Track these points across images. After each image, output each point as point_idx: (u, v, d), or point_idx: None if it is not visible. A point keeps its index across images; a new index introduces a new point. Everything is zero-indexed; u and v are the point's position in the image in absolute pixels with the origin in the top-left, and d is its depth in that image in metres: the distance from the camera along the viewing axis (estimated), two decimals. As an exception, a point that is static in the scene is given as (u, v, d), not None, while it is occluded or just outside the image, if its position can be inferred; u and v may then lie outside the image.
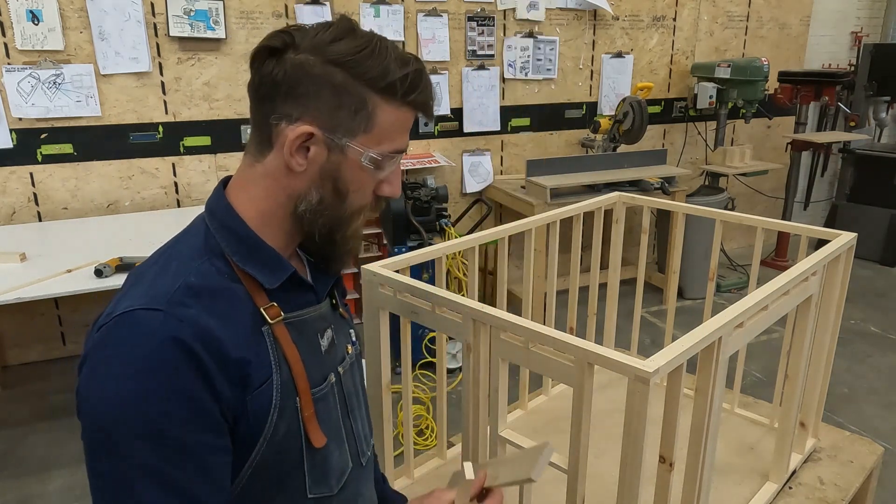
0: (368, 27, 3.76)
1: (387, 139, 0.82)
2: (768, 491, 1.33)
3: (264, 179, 0.83)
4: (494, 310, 0.99)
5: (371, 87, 0.79)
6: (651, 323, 3.79)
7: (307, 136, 0.79)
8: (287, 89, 0.79)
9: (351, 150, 0.81)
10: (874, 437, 2.42)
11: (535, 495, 1.08)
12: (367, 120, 0.80)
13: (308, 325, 0.88)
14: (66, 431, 2.72)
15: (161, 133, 3.22)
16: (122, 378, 0.71)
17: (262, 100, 0.81)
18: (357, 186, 0.84)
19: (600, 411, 1.54)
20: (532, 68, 3.98)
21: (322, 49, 0.78)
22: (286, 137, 0.79)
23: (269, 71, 0.79)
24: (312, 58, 0.78)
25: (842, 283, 1.36)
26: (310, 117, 0.79)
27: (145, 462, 0.70)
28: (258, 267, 0.82)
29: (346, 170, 0.82)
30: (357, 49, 0.78)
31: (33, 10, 2.87)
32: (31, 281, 2.22)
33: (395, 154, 0.85)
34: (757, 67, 4.07)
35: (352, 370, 0.97)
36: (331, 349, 0.92)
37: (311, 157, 0.81)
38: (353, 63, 0.78)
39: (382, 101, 0.80)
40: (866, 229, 4.64)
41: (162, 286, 0.76)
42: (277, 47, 0.79)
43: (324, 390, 0.88)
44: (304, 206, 0.83)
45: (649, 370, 0.80)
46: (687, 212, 1.64)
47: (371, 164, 0.82)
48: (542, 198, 3.46)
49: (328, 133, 0.80)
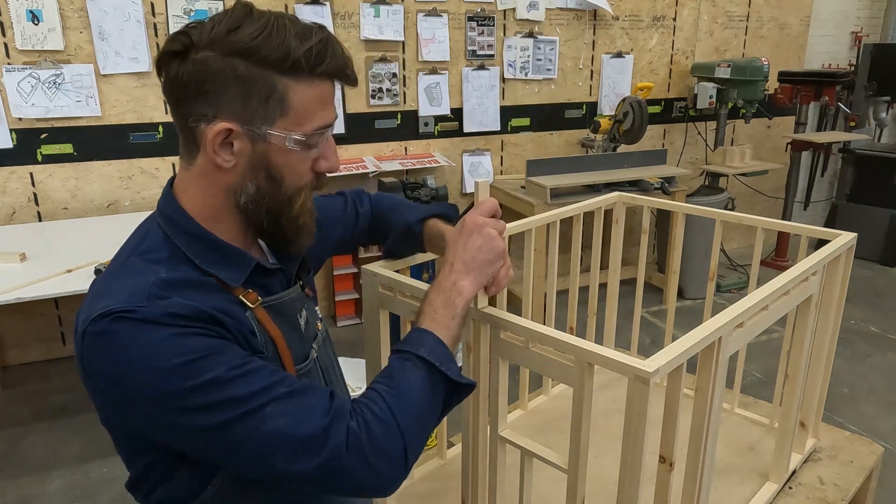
0: (368, 27, 3.73)
1: (307, 118, 0.82)
2: (768, 491, 1.33)
3: (200, 180, 0.84)
4: (494, 310, 0.99)
5: (276, 69, 0.78)
6: (651, 323, 3.79)
7: (226, 132, 0.79)
8: (195, 90, 0.78)
9: (273, 137, 0.81)
10: (874, 437, 2.42)
11: (536, 495, 1.08)
12: (281, 104, 0.79)
13: (286, 307, 0.92)
14: (66, 431, 2.72)
15: (161, 133, 3.22)
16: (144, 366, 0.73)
17: (176, 104, 0.81)
18: (290, 170, 0.84)
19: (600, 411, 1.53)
20: (532, 68, 3.98)
21: (220, 42, 0.77)
22: (206, 137, 0.79)
23: (175, 74, 0.79)
24: (212, 53, 0.77)
25: (842, 283, 1.36)
26: (224, 113, 0.79)
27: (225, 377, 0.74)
28: (221, 266, 0.84)
29: (274, 156, 0.82)
30: (254, 35, 0.77)
31: (33, 10, 2.87)
32: (31, 281, 2.22)
33: (322, 129, 0.84)
34: (757, 67, 4.07)
35: (325, 345, 1.03)
36: (307, 327, 0.96)
37: (237, 151, 0.81)
38: (252, 50, 0.76)
39: (292, 82, 0.79)
40: (866, 229, 4.64)
41: (135, 284, 0.77)
42: (178, 50, 0.78)
43: (307, 366, 0.93)
44: (245, 199, 0.84)
45: (649, 370, 0.80)
46: (687, 212, 1.64)
47: (297, 145, 0.82)
48: (542, 198, 3.46)
49: (246, 125, 0.79)
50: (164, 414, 0.74)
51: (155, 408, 0.74)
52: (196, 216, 0.85)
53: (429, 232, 1.12)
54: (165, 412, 0.74)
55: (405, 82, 3.69)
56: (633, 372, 0.81)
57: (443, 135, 3.87)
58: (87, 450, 2.59)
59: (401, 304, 1.14)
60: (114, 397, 0.77)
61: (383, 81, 3.63)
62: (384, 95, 3.65)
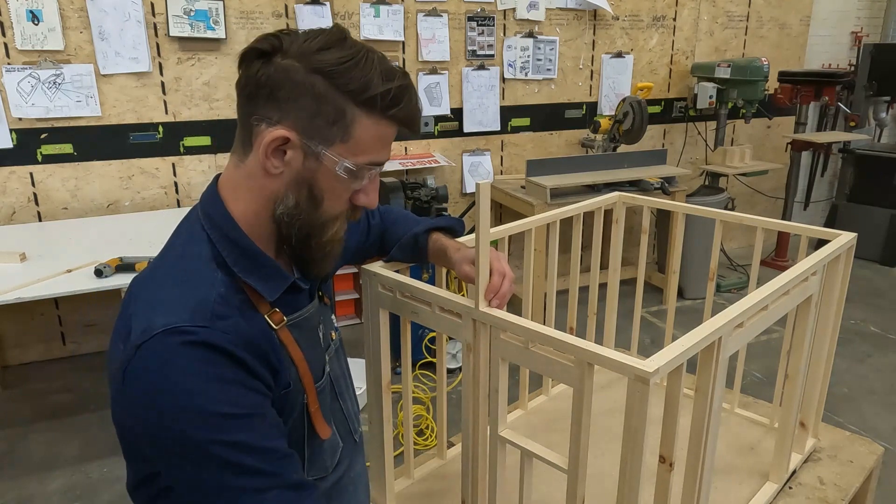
0: (368, 27, 3.74)
1: (364, 151, 0.83)
2: (768, 491, 1.33)
3: (248, 180, 0.84)
4: (494, 310, 0.99)
5: (351, 98, 0.79)
6: (651, 323, 3.79)
7: (283, 139, 0.80)
8: (269, 92, 0.79)
9: (326, 159, 0.81)
10: (874, 437, 2.42)
11: (536, 495, 1.08)
12: (344, 130, 0.81)
13: (308, 322, 0.92)
14: (66, 431, 2.72)
15: (161, 133, 3.22)
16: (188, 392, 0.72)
17: (247, 100, 0.82)
18: (332, 194, 0.84)
19: (600, 411, 1.53)
20: (532, 68, 3.98)
21: (308, 56, 0.79)
22: (263, 139, 0.80)
23: (255, 72, 0.80)
24: (297, 64, 0.78)
25: (842, 283, 1.36)
26: (288, 122, 0.80)
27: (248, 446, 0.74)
28: (260, 279, 0.84)
29: (321, 177, 0.83)
30: (342, 60, 0.79)
31: (33, 10, 2.87)
32: (31, 281, 2.22)
33: (373, 166, 0.85)
34: (757, 67, 4.07)
35: (337, 354, 1.03)
36: (323, 340, 0.97)
37: (287, 160, 0.81)
38: (335, 73, 0.78)
39: (362, 114, 0.81)
40: (866, 229, 4.64)
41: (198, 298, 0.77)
42: (266, 50, 0.80)
43: (324, 382, 0.93)
44: (282, 210, 0.84)
45: (649, 370, 0.80)
46: (687, 212, 1.64)
47: (346, 173, 0.83)
48: (542, 198, 3.46)
49: (305, 139, 0.80)
50: (179, 450, 0.74)
51: (175, 441, 0.73)
52: (239, 220, 0.84)
53: (433, 245, 1.15)
54: (181, 449, 0.73)
55: (405, 82, 3.69)
56: (633, 372, 0.81)
57: (443, 135, 3.87)
58: (87, 450, 2.59)
59: (401, 304, 1.14)
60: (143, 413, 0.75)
61: (383, 81, 3.63)
62: (384, 95, 3.65)
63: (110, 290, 2.23)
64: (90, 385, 3.07)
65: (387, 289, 1.15)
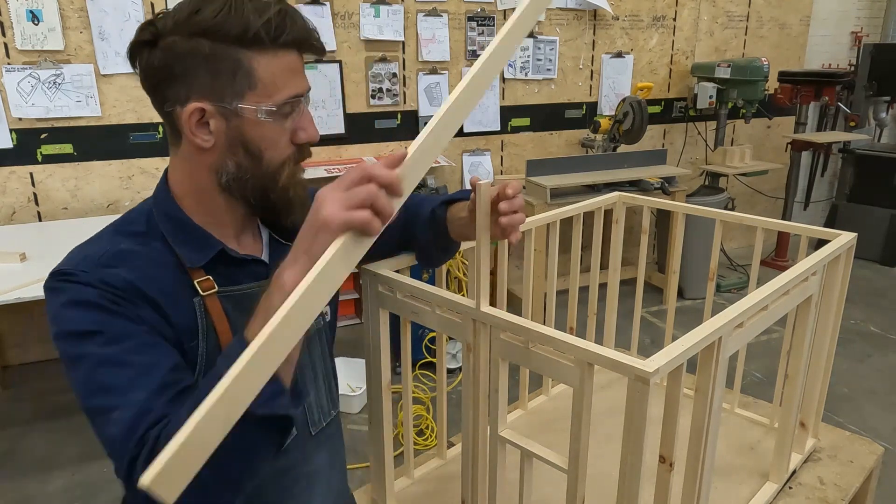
0: (368, 27, 3.73)
1: (276, 89, 0.83)
2: (768, 491, 1.33)
3: (184, 164, 0.88)
4: (494, 310, 0.99)
5: (239, 44, 0.80)
6: (651, 323, 3.80)
7: (199, 111, 0.82)
8: (166, 75, 0.81)
9: (245, 111, 0.82)
10: (874, 437, 2.42)
11: (536, 495, 1.08)
12: (248, 77, 0.82)
13: (249, 299, 0.91)
14: (66, 431, 2.72)
15: (161, 133, 3.22)
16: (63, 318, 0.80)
17: (153, 92, 0.85)
18: (268, 143, 0.85)
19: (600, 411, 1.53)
20: (532, 68, 3.98)
21: (183, 25, 0.80)
22: (182, 120, 0.82)
23: (147, 63, 0.82)
24: (177, 37, 0.80)
25: (842, 283, 1.36)
26: (196, 94, 0.81)
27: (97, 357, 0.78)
28: (186, 246, 0.87)
29: (250, 131, 0.84)
30: (214, 13, 0.79)
31: (33, 10, 2.87)
32: (31, 281, 2.22)
33: (293, 99, 0.85)
34: (757, 67, 4.07)
35: (308, 344, 1.02)
36: None
37: (213, 130, 0.83)
38: (213, 28, 0.79)
39: (255, 55, 0.81)
40: (866, 229, 4.64)
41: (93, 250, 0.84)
42: (147, 39, 0.81)
43: None
44: (226, 178, 0.86)
45: (649, 370, 0.79)
46: (687, 212, 1.64)
47: (269, 117, 0.84)
48: (542, 198, 3.46)
49: (217, 103, 0.82)
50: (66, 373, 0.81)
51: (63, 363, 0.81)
52: (178, 197, 0.89)
53: (451, 214, 1.11)
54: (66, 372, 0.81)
55: (405, 82, 3.69)
56: (633, 372, 0.81)
57: (443, 135, 3.86)
58: (87, 450, 2.59)
59: (401, 304, 1.14)
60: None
61: (383, 81, 3.63)
62: (384, 95, 3.65)
63: (110, 290, 2.23)
64: (90, 385, 3.07)
65: (387, 289, 1.15)
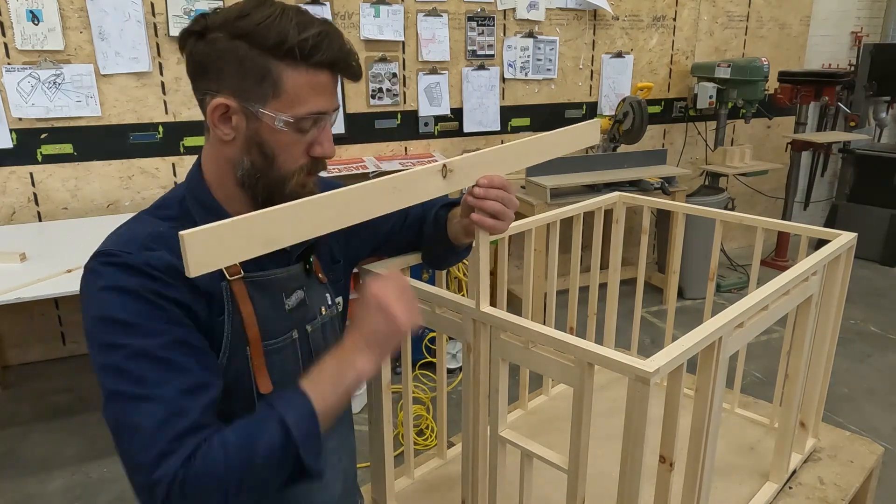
0: (368, 27, 3.73)
1: (298, 103, 0.86)
2: (768, 491, 1.33)
3: (211, 151, 0.92)
4: (494, 310, 0.99)
5: (271, 54, 0.84)
6: (651, 323, 3.79)
7: (224, 107, 0.86)
8: (204, 67, 0.86)
9: (265, 116, 0.86)
10: (874, 437, 2.42)
11: (536, 495, 1.08)
12: (273, 86, 0.85)
13: (272, 284, 0.95)
14: (66, 431, 2.72)
15: (161, 133, 3.22)
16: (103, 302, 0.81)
17: (193, 80, 0.89)
18: (282, 150, 0.88)
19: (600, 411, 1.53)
20: (532, 68, 3.98)
21: (229, 25, 0.84)
22: (208, 110, 0.87)
23: (191, 52, 0.87)
24: (221, 34, 0.84)
25: (842, 283, 1.36)
26: (225, 90, 0.86)
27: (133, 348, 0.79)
28: None
29: (266, 135, 0.87)
30: (258, 21, 0.83)
31: (33, 10, 2.87)
32: (31, 281, 2.22)
33: (314, 115, 0.88)
34: (757, 67, 4.07)
35: (323, 329, 1.04)
36: (299, 308, 0.99)
37: (234, 126, 0.87)
38: (253, 34, 0.83)
39: (286, 67, 0.84)
40: (866, 229, 4.64)
41: (134, 233, 0.87)
42: (196, 30, 0.86)
43: (279, 343, 0.96)
44: (241, 172, 0.90)
45: (649, 370, 0.80)
46: (687, 212, 1.64)
47: (286, 127, 0.87)
48: (542, 198, 3.46)
49: (242, 102, 0.86)
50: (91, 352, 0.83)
51: (90, 345, 0.83)
52: (209, 184, 0.93)
53: (451, 218, 1.14)
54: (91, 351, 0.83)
55: (405, 82, 3.69)
56: (633, 372, 0.81)
57: (443, 135, 3.87)
58: (87, 450, 2.59)
59: (401, 304, 1.13)
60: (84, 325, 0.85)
61: (383, 81, 3.63)
62: (384, 95, 3.65)
63: (110, 290, 2.23)
64: (90, 385, 3.07)
65: (387, 289, 1.15)
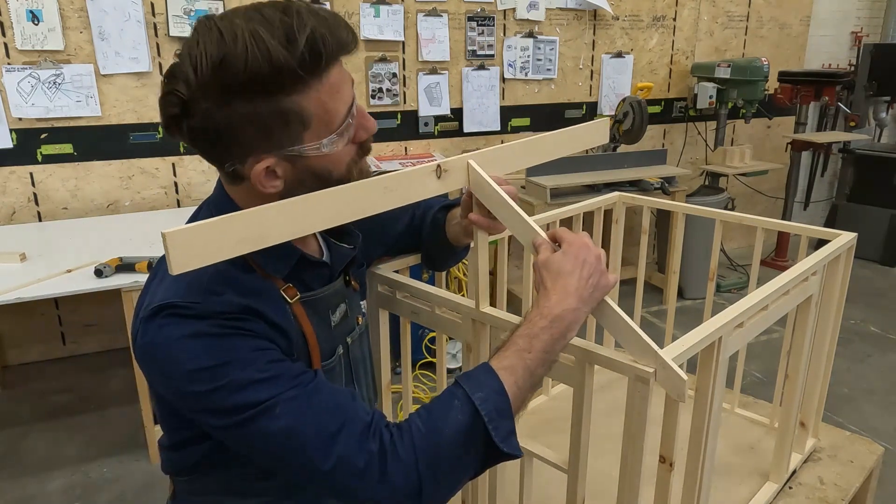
0: (368, 27, 3.72)
1: (330, 116, 0.80)
2: (768, 491, 1.33)
3: (248, 195, 0.84)
4: (494, 310, 0.99)
5: (278, 92, 0.74)
6: (651, 323, 3.79)
7: (266, 167, 0.79)
8: (215, 140, 0.77)
9: (308, 150, 0.80)
10: (874, 437, 2.42)
11: (536, 495, 1.08)
12: (300, 121, 0.77)
13: (322, 303, 0.93)
14: (66, 431, 2.72)
15: (161, 133, 3.22)
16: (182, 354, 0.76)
17: (206, 155, 0.81)
18: (334, 163, 0.84)
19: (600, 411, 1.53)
20: (532, 68, 3.98)
21: (212, 87, 0.72)
22: (250, 177, 0.80)
23: (188, 131, 0.77)
24: (210, 104, 0.74)
25: (842, 283, 1.36)
26: (255, 152, 0.78)
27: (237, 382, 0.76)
28: (266, 256, 0.81)
29: (317, 163, 0.82)
30: (241, 65, 0.71)
31: (33, 10, 2.87)
32: (31, 281, 2.22)
33: (347, 113, 0.82)
34: (757, 67, 4.07)
35: (360, 340, 1.04)
36: (342, 322, 0.97)
37: (281, 175, 0.81)
38: (246, 85, 0.72)
39: (298, 95, 0.76)
40: (866, 229, 4.64)
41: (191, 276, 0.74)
42: (177, 114, 0.75)
43: (332, 363, 0.94)
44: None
45: (649, 370, 0.80)
46: (687, 212, 1.64)
47: (333, 144, 0.82)
48: (542, 198, 3.46)
49: (279, 152, 0.79)
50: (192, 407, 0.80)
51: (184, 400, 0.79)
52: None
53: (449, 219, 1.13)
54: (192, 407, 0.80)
55: (405, 82, 3.69)
56: (633, 372, 0.81)
57: (443, 135, 3.87)
58: (87, 450, 2.59)
59: (401, 304, 1.14)
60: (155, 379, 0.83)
61: (383, 81, 3.63)
62: (384, 95, 3.65)
63: (110, 290, 2.23)
64: (90, 385, 3.07)
65: (387, 289, 1.15)
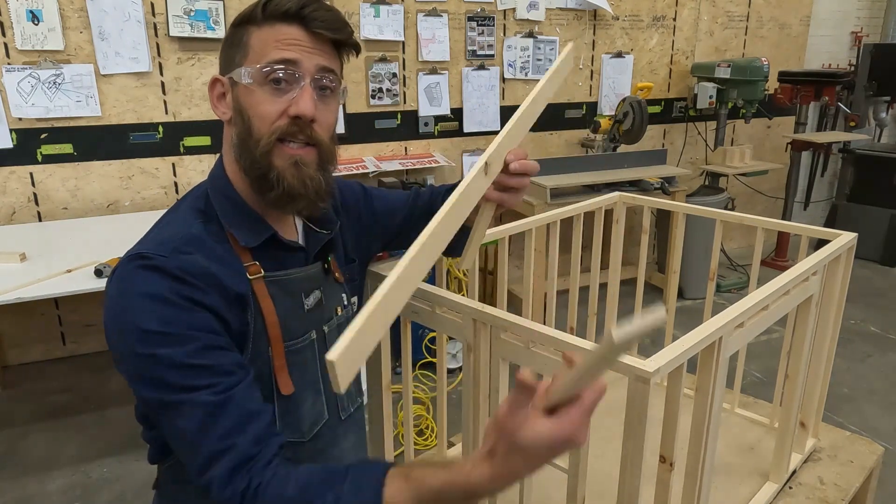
0: (368, 27, 3.72)
1: (262, 55, 0.88)
2: (768, 491, 1.33)
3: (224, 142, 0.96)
4: (494, 310, 0.99)
5: (246, 24, 0.90)
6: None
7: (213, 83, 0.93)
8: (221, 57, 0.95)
9: (235, 75, 0.89)
10: (874, 437, 2.42)
11: (536, 495, 1.08)
12: (244, 48, 0.90)
13: (293, 284, 0.96)
14: (66, 431, 2.72)
15: (161, 133, 3.22)
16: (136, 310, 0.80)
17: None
18: (255, 110, 0.88)
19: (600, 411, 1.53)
20: (532, 68, 3.98)
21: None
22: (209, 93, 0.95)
23: None
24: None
25: (842, 283, 1.36)
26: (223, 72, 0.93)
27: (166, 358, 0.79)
28: (241, 227, 0.91)
29: (242, 98, 0.89)
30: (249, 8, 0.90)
31: (33, 10, 2.87)
32: (31, 281, 2.22)
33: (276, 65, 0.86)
34: (757, 67, 4.07)
35: (339, 330, 1.04)
36: (316, 308, 0.99)
37: (228, 101, 0.92)
38: (238, 18, 0.91)
39: (254, 29, 0.89)
40: (866, 229, 4.64)
41: (167, 234, 0.87)
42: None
43: (299, 344, 0.96)
44: (234, 152, 0.92)
45: (649, 370, 0.80)
46: (687, 212, 1.64)
47: (251, 79, 0.88)
48: (542, 198, 3.47)
49: (225, 74, 0.92)
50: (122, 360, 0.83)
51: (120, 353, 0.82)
52: (231, 178, 0.94)
53: None
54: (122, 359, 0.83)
55: (405, 82, 3.69)
56: (633, 372, 0.81)
57: (443, 135, 3.87)
58: (87, 450, 2.59)
59: (401, 304, 1.13)
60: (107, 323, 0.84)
61: (383, 81, 3.63)
62: (384, 95, 3.65)
63: (110, 290, 2.22)
64: (90, 385, 3.07)
65: (387, 289, 1.15)
